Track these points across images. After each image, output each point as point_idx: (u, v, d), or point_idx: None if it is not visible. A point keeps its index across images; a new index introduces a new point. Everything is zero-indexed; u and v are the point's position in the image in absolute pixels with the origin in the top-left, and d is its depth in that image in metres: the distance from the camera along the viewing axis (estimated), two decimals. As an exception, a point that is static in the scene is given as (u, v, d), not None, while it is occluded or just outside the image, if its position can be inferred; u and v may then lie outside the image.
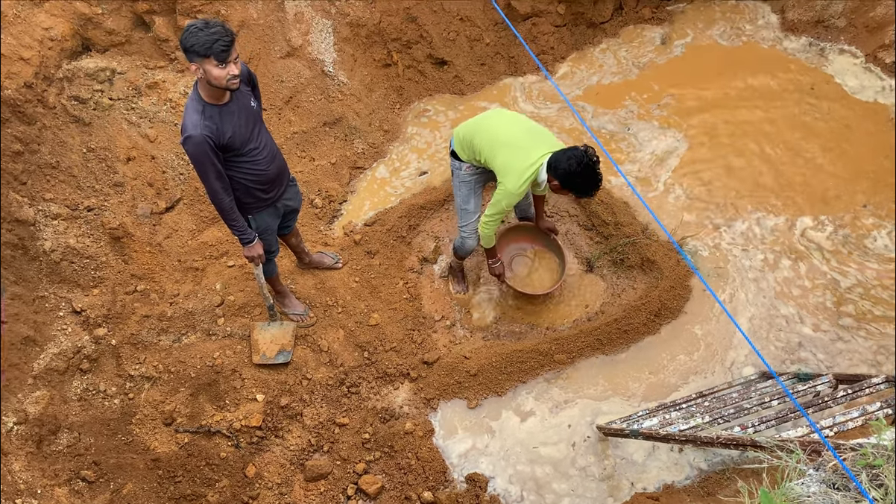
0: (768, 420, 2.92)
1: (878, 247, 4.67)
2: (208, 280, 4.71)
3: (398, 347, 4.51)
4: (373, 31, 5.57)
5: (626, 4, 5.93)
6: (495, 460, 4.14)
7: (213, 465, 4.06)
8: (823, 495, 1.53)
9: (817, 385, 3.38)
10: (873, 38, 5.28)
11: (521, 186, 3.80)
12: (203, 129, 3.30)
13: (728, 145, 5.21)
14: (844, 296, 4.51)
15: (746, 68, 5.53)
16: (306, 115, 5.40)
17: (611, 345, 4.41)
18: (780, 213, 4.89)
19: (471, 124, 4.03)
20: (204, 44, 3.07)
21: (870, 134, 5.05)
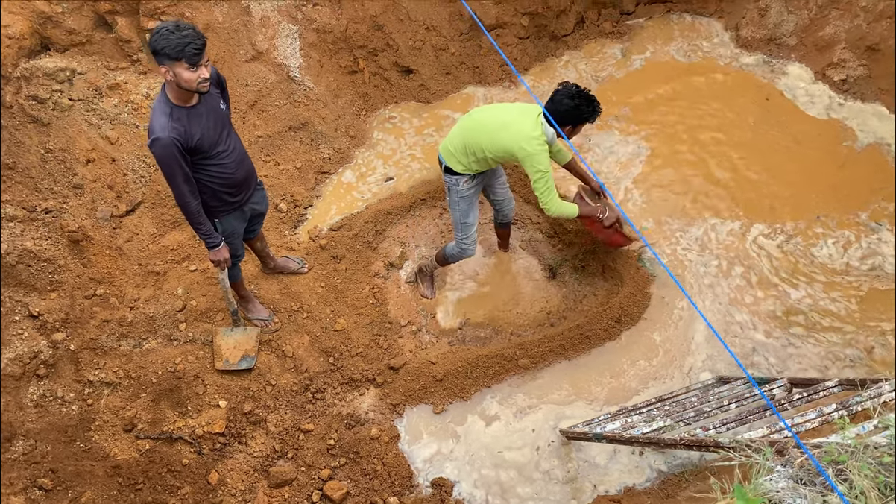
0: (728, 422, 3.02)
1: (822, 255, 4.86)
2: (170, 284, 4.65)
3: (364, 353, 4.51)
4: (339, 38, 5.58)
5: (588, 18, 6.07)
6: (460, 465, 4.18)
7: (174, 472, 4.00)
8: (791, 490, 1.60)
9: (773, 389, 3.51)
10: (822, 56, 5.51)
11: (541, 142, 3.81)
12: (171, 131, 3.28)
13: (686, 154, 5.36)
14: (794, 306, 4.68)
15: (703, 82, 5.72)
16: (271, 120, 5.38)
17: (573, 350, 4.49)
18: (735, 220, 5.04)
19: (458, 132, 4.07)
20: (175, 47, 3.06)
21: (820, 148, 5.26)
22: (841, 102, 5.45)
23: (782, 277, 4.79)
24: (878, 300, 4.65)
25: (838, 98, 5.45)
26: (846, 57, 5.39)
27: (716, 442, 2.62)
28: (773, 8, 5.67)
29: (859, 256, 4.82)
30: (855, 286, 4.72)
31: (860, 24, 5.32)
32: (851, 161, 5.18)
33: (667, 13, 6.15)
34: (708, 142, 5.40)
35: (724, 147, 5.35)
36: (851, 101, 5.42)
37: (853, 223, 4.94)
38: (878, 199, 5.02)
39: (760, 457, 1.69)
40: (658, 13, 6.15)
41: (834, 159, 5.21)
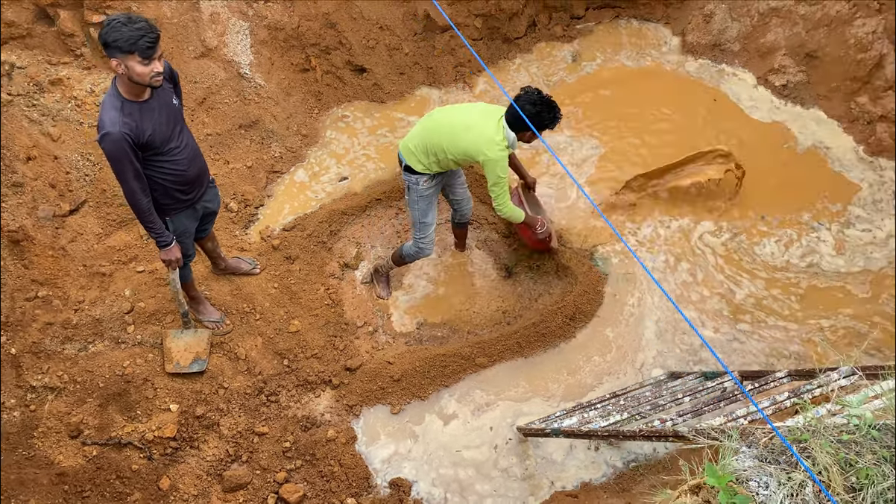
0: (684, 413, 3.09)
1: (764, 253, 5.02)
2: (116, 286, 4.50)
3: (319, 354, 4.46)
4: (291, 35, 5.52)
5: (539, 21, 6.15)
6: (418, 464, 4.16)
7: (123, 479, 3.87)
8: (758, 468, 1.65)
9: (724, 382, 3.60)
10: (764, 62, 5.71)
11: (501, 148, 3.85)
12: (122, 126, 3.19)
13: (636, 155, 5.48)
14: (739, 304, 4.82)
15: (652, 86, 5.85)
16: (221, 117, 5.28)
17: (529, 348, 4.52)
18: (682, 217, 5.17)
19: (419, 131, 4.06)
20: (128, 39, 2.98)
21: (764, 151, 5.44)
22: (780, 107, 5.66)
23: (727, 275, 4.93)
24: (817, 297, 4.82)
25: (779, 102, 5.64)
26: (786, 63, 5.59)
27: (675, 432, 2.67)
28: (718, 14, 5.85)
29: (799, 255, 5.00)
30: (794, 283, 4.89)
31: (799, 32, 5.53)
32: (793, 163, 5.38)
33: (615, 18, 6.28)
34: (657, 143, 5.53)
35: (672, 149, 5.47)
36: (792, 106, 5.62)
37: (795, 222, 5.13)
38: (820, 199, 5.22)
39: (727, 440, 1.73)
40: (607, 18, 6.27)
41: (777, 161, 5.40)
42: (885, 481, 1.55)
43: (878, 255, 4.97)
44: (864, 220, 5.11)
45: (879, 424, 1.69)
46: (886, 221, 5.10)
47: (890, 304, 4.78)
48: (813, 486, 1.58)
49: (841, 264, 4.94)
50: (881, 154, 5.30)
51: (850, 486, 1.58)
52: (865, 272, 4.90)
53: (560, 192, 5.30)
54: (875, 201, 5.18)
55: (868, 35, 5.21)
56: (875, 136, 5.28)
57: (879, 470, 1.58)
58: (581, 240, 5.01)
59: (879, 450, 1.62)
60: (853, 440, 1.66)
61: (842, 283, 4.87)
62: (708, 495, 1.61)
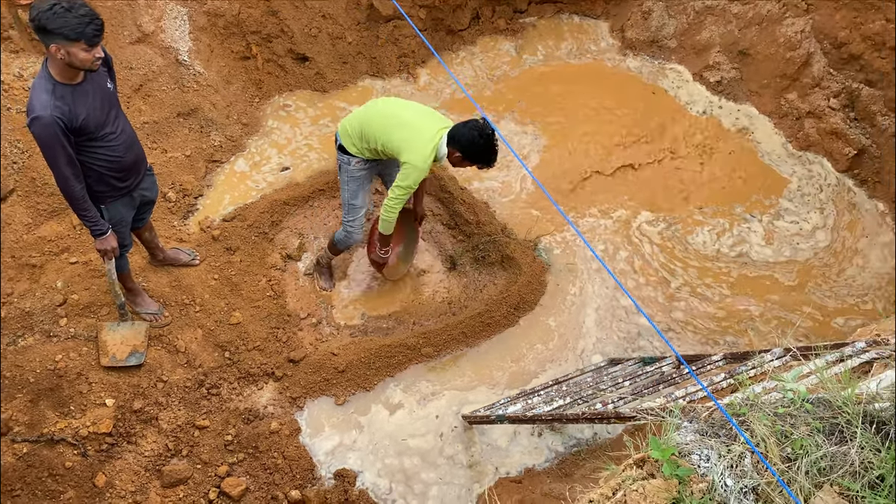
0: (625, 397, 3.17)
1: (696, 242, 5.19)
2: (48, 278, 4.33)
3: (262, 346, 4.39)
4: (231, 22, 5.40)
5: (483, 15, 6.18)
6: (364, 455, 4.15)
7: (56, 476, 3.74)
8: (699, 442, 1.71)
9: (663, 366, 3.71)
10: (699, 58, 5.89)
11: (426, 160, 3.82)
12: (53, 109, 3.08)
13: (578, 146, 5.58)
14: (674, 294, 4.97)
15: (593, 81, 5.97)
16: (158, 105, 5.12)
17: (474, 337, 4.56)
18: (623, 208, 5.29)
19: (357, 115, 4.02)
20: (74, 27, 2.90)
21: (701, 145, 5.61)
22: (714, 102, 5.85)
23: (661, 263, 5.07)
24: (747, 286, 5.02)
25: (714, 98, 5.83)
26: (721, 60, 5.79)
27: (617, 413, 2.74)
28: (655, 12, 6.00)
29: (730, 244, 5.19)
30: (725, 272, 5.07)
31: (733, 30, 5.73)
32: (727, 157, 5.57)
33: (557, 13, 6.38)
34: (599, 133, 5.64)
35: (614, 139, 5.60)
36: (726, 101, 5.82)
37: (728, 213, 5.31)
38: (754, 192, 5.42)
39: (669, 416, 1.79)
40: (549, 13, 6.35)
41: (712, 155, 5.58)
42: (818, 451, 1.63)
43: (804, 245, 5.20)
44: (792, 213, 5.34)
45: (813, 398, 1.77)
46: (812, 214, 5.34)
47: (816, 291, 5.01)
48: (752, 457, 1.64)
49: (769, 254, 5.15)
50: (809, 149, 5.54)
51: (785, 456, 1.65)
52: (792, 262, 5.13)
53: (505, 187, 5.35)
54: (803, 195, 5.42)
55: (797, 34, 5.44)
56: (803, 131, 5.52)
57: (813, 440, 1.66)
58: (525, 231, 5.08)
59: (813, 421, 1.71)
60: (788, 413, 1.74)
61: (770, 272, 5.07)
62: (652, 468, 1.66)
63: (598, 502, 1.59)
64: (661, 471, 1.61)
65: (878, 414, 1.71)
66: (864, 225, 5.27)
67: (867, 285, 4.99)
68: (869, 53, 5.17)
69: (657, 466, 1.64)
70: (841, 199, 5.38)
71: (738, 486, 1.61)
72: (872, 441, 1.64)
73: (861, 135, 5.32)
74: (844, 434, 1.68)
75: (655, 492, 1.56)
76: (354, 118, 4.04)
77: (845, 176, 5.46)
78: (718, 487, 1.62)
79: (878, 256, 5.13)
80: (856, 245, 5.18)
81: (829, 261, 5.13)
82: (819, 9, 5.37)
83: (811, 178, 5.44)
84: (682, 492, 1.59)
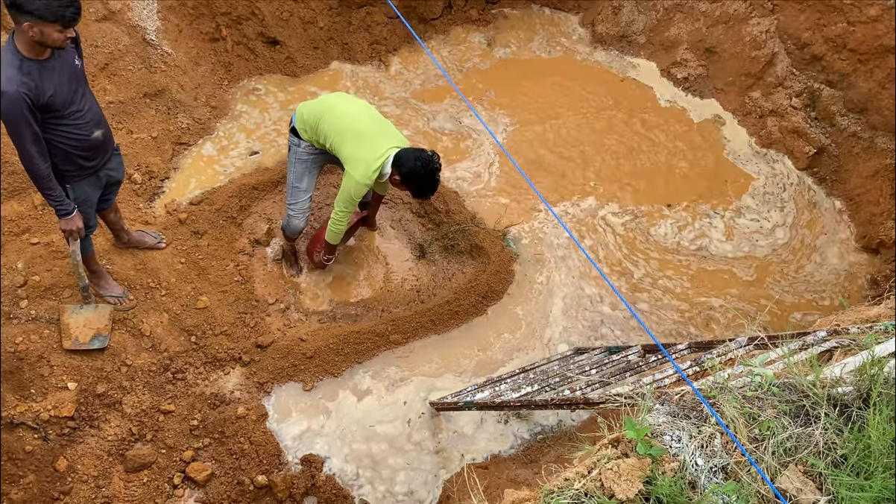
0: (593, 383, 3.23)
1: (658, 234, 5.29)
2: (8, 258, 4.23)
3: (229, 331, 4.35)
4: (200, 3, 5.32)
5: (455, 4, 6.19)
6: (331, 440, 4.15)
7: (16, 461, 3.66)
8: (671, 423, 1.77)
9: (628, 355, 3.79)
10: (668, 54, 5.99)
11: (369, 177, 3.85)
12: (20, 85, 3.01)
13: (547, 135, 5.64)
14: (638, 285, 5.06)
15: (562, 73, 6.03)
16: (124, 85, 5.02)
17: (443, 325, 4.59)
18: (589, 197, 5.36)
19: (317, 106, 3.99)
20: (54, 11, 2.86)
21: (668, 143, 5.72)
22: (681, 98, 5.96)
23: (624, 254, 5.16)
24: (706, 279, 5.13)
25: (681, 94, 5.95)
26: (688, 57, 5.90)
27: (586, 398, 2.80)
28: (626, 7, 6.09)
29: (690, 238, 5.30)
30: (685, 265, 5.18)
31: (700, 28, 5.84)
32: (695, 153, 5.68)
33: (529, 5, 6.41)
34: (567, 123, 5.70)
35: (582, 129, 5.67)
36: (692, 97, 5.94)
37: (691, 208, 5.42)
38: (719, 188, 5.54)
39: (641, 399, 1.84)
40: (521, 4, 6.39)
41: (680, 150, 5.69)
42: (784, 432, 1.70)
43: (763, 243, 5.33)
44: (752, 211, 5.47)
45: (779, 383, 1.84)
46: (773, 213, 5.48)
47: (775, 287, 5.14)
48: (721, 438, 1.70)
49: (728, 249, 5.27)
50: (771, 146, 5.68)
51: (753, 437, 1.72)
52: (750, 258, 5.26)
53: (475, 177, 5.38)
54: (765, 193, 5.55)
55: (762, 34, 5.57)
56: (766, 129, 5.66)
57: (779, 422, 1.73)
58: (494, 221, 5.12)
59: (779, 404, 1.77)
60: (756, 396, 1.80)
61: (728, 266, 5.20)
62: (626, 448, 1.71)
63: (574, 480, 1.63)
64: (635, 450, 1.65)
65: (842, 397, 1.78)
66: (824, 223, 5.43)
67: (825, 281, 5.15)
68: (830, 55, 5.32)
69: (631, 446, 1.69)
70: (802, 197, 5.54)
71: (709, 466, 1.67)
72: (836, 423, 1.71)
73: (821, 134, 5.48)
74: (809, 416, 1.75)
75: (629, 470, 1.61)
76: (313, 109, 4.00)
77: (805, 174, 5.62)
78: (689, 466, 1.67)
79: (835, 253, 5.29)
80: (814, 242, 5.33)
81: (788, 257, 5.28)
82: (784, 10, 5.51)
83: (775, 177, 5.58)
84: (655, 470, 1.64)
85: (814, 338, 2.55)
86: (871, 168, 5.31)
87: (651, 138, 5.71)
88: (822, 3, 5.26)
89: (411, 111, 5.67)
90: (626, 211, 5.34)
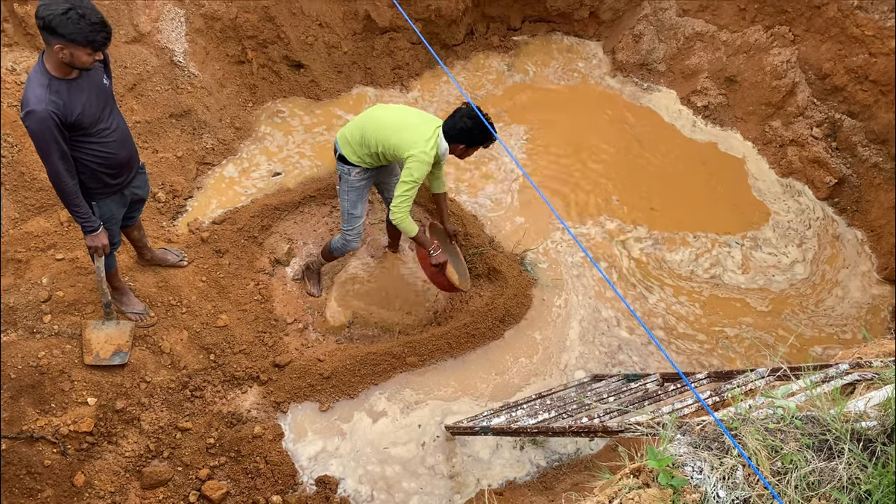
0: (612, 412, 3.21)
1: (673, 260, 5.27)
2: (33, 273, 4.29)
3: (248, 350, 4.38)
4: (228, 26, 5.42)
5: (478, 31, 6.26)
6: (346, 462, 4.15)
7: (34, 474, 3.68)
8: (692, 454, 1.76)
9: (647, 384, 3.77)
10: (687, 83, 6.02)
11: (430, 152, 3.83)
12: (48, 104, 3.08)
13: (562, 159, 5.67)
14: (652, 310, 5.04)
15: (581, 99, 6.07)
16: (151, 105, 5.12)
17: (459, 348, 4.59)
18: (608, 221, 5.38)
19: (357, 122, 4.05)
20: (86, 36, 2.93)
21: (691, 168, 5.72)
22: (702, 127, 5.97)
23: (638, 279, 5.15)
24: (718, 306, 5.10)
25: (701, 122, 5.96)
26: (708, 85, 5.91)
27: (605, 427, 2.78)
28: (647, 36, 6.13)
29: (705, 266, 5.27)
30: (697, 292, 5.15)
31: (721, 57, 5.86)
32: (718, 182, 5.68)
33: (550, 32, 6.48)
34: (584, 146, 5.73)
35: (600, 154, 5.69)
36: (712, 126, 5.95)
37: (711, 237, 5.41)
38: (739, 219, 5.52)
39: (662, 429, 1.83)
40: (542, 32, 6.45)
41: (702, 179, 5.69)
42: (807, 465, 1.68)
43: (780, 278, 5.28)
44: (770, 244, 5.42)
45: (802, 415, 1.83)
46: (791, 249, 5.43)
47: (793, 319, 5.09)
48: (743, 470, 1.69)
49: (741, 281, 5.23)
50: (791, 175, 5.67)
51: (776, 470, 1.70)
52: (764, 290, 5.21)
53: (495, 203, 5.41)
54: (788, 229, 5.51)
55: (783, 64, 5.58)
56: (786, 158, 5.65)
57: (802, 456, 1.72)
58: (512, 244, 5.13)
59: (802, 437, 1.76)
60: (778, 428, 1.79)
61: (741, 296, 5.16)
62: (647, 478, 1.70)
63: (594, 509, 1.63)
64: (657, 480, 1.65)
65: (865, 432, 1.76)
66: (845, 256, 5.38)
67: (846, 314, 5.10)
68: (852, 86, 5.32)
69: (652, 476, 1.68)
70: (826, 232, 5.50)
71: (731, 498, 1.66)
72: (860, 457, 1.69)
73: (842, 164, 5.46)
74: (833, 450, 1.73)
75: (651, 501, 1.60)
76: (354, 125, 4.07)
77: (825, 204, 5.59)
78: (711, 498, 1.66)
79: (857, 286, 5.24)
80: (836, 276, 5.29)
81: (806, 291, 5.23)
82: (805, 40, 5.52)
83: (802, 214, 5.54)
84: (677, 501, 1.64)
85: (836, 370, 2.52)
86: (892, 199, 5.28)
87: (674, 166, 5.71)
88: (844, 35, 5.27)
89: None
90: (649, 235, 5.33)
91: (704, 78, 5.90)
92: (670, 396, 3.29)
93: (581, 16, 6.31)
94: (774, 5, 5.60)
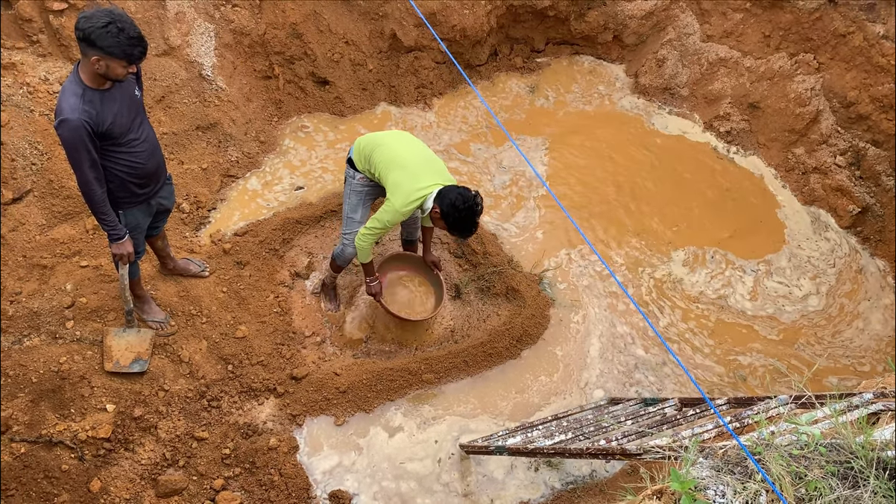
0: (629, 434, 3.20)
1: (687, 282, 5.24)
2: (57, 279, 4.35)
3: (265, 362, 4.40)
4: (256, 42, 5.51)
5: (501, 52, 6.32)
6: (361, 477, 4.14)
7: (52, 479, 3.71)
8: (714, 478, 1.74)
9: (665, 408, 3.74)
10: (710, 108, 6.02)
11: (407, 206, 3.90)
12: (81, 113, 3.14)
13: (584, 179, 5.69)
14: (664, 332, 5.00)
15: (604, 122, 6.09)
16: (178, 117, 5.20)
17: (476, 366, 4.58)
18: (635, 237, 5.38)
19: (373, 138, 4.11)
20: (124, 49, 3.00)
21: (713, 195, 5.71)
22: (725, 152, 5.96)
23: (653, 298, 5.13)
24: (725, 331, 5.05)
25: (724, 147, 5.95)
26: (731, 111, 5.91)
27: (623, 449, 2.76)
28: (670, 60, 6.15)
29: (716, 287, 5.24)
30: (705, 315, 5.11)
31: (744, 83, 5.86)
32: (743, 207, 5.67)
33: (574, 55, 6.52)
34: (605, 167, 5.75)
35: (622, 176, 5.70)
36: (735, 152, 5.94)
37: (728, 261, 5.38)
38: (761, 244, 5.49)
39: (685, 452, 1.82)
40: (565, 54, 6.50)
41: (726, 205, 5.67)
42: (832, 493, 1.67)
43: (790, 309, 5.22)
44: (783, 274, 5.37)
45: (826, 442, 1.81)
46: (804, 281, 5.37)
47: (807, 349, 5.02)
48: (767, 495, 1.68)
49: (748, 307, 5.18)
50: (813, 203, 5.63)
51: (799, 497, 1.69)
52: (773, 319, 5.14)
53: (521, 230, 5.42)
54: (802, 261, 5.46)
55: (807, 91, 5.57)
56: (808, 185, 5.62)
57: (827, 483, 1.70)
58: (531, 264, 5.13)
59: (827, 465, 1.74)
60: (803, 455, 1.78)
61: (748, 322, 5.11)
62: (669, 500, 1.69)
63: (616, 530, 1.62)
64: (680, 503, 1.64)
65: (891, 461, 1.75)
66: (867, 288, 5.32)
67: (865, 347, 5.03)
68: (876, 115, 5.30)
69: (674, 499, 1.67)
70: (849, 268, 5.44)
71: (753, 523, 1.64)
72: (885, 487, 1.67)
73: (865, 193, 5.42)
74: (858, 479, 1.72)
75: (673, 523, 1.59)
76: (370, 141, 4.12)
77: (848, 233, 5.55)
78: (734, 523, 1.65)
79: (878, 319, 5.18)
80: (856, 309, 5.23)
81: (821, 322, 5.17)
82: (830, 68, 5.52)
83: (832, 253, 5.49)
84: (699, 525, 1.62)
85: (860, 399, 2.50)
86: (916, 230, 5.24)
87: (696, 189, 5.69)
88: (870, 64, 5.26)
89: (456, 160, 5.75)
90: (671, 257, 5.33)
91: (727, 104, 5.90)
92: (689, 421, 3.27)
93: (605, 39, 6.35)
94: (799, 33, 5.61)
